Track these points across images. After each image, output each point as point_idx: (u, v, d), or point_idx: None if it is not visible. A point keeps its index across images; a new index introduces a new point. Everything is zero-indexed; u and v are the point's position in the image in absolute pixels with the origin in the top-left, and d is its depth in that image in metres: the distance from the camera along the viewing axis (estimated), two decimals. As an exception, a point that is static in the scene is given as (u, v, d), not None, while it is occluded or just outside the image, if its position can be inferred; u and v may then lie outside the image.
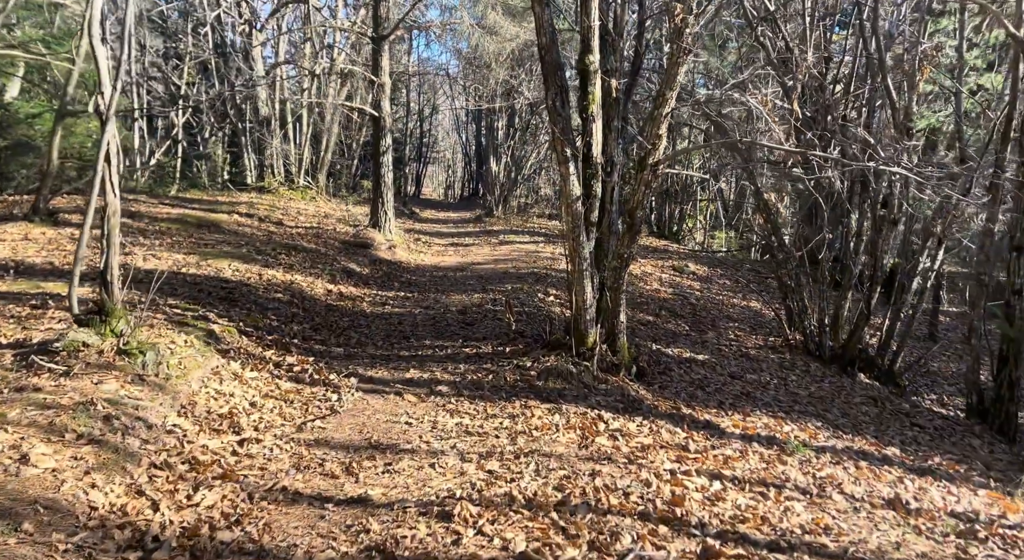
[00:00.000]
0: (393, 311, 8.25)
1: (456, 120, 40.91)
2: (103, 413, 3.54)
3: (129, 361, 4.13)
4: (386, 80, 12.28)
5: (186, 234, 10.14)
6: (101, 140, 4.28)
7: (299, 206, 15.57)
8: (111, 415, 3.55)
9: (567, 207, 5.73)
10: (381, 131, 12.46)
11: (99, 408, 3.57)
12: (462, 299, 9.01)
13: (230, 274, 8.17)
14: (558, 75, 5.56)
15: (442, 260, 12.86)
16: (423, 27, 15.39)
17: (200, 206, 13.02)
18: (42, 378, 3.79)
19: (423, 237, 15.95)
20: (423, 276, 11.04)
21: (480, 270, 11.65)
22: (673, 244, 19.48)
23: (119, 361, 4.11)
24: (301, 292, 8.21)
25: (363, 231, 12.65)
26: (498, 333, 6.95)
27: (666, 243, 19.33)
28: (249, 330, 6.09)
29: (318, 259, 10.19)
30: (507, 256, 13.14)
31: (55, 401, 3.52)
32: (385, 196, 12.72)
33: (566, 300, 9.12)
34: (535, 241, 15.40)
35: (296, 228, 12.47)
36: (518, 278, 10.57)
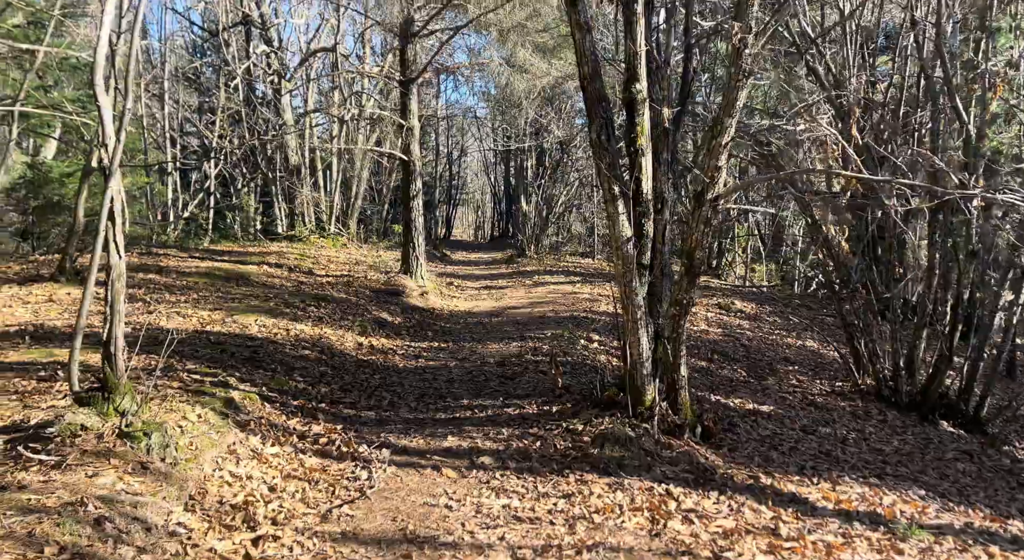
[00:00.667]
0: (427, 365, 7.68)
1: (485, 161, 40.97)
2: (94, 515, 3.00)
3: (132, 446, 3.61)
4: (415, 124, 11.98)
5: (213, 288, 9.79)
6: (104, 197, 3.85)
7: (330, 254, 15.26)
8: (103, 517, 3.01)
9: (616, 249, 5.15)
10: (411, 175, 12.11)
11: (90, 509, 3.03)
12: (500, 349, 8.42)
13: (256, 330, 7.73)
14: (602, 106, 5.04)
15: (476, 305, 12.32)
16: (451, 69, 15.23)
17: (230, 258, 12.75)
18: (30, 472, 3.28)
19: (455, 281, 15.48)
20: (457, 323, 10.49)
21: (516, 315, 11.07)
22: (714, 279, 18.72)
23: (120, 446, 3.59)
24: (330, 347, 7.71)
25: (394, 278, 12.21)
26: (542, 389, 6.32)
27: (706, 278, 18.55)
28: (273, 395, 5.57)
29: (348, 310, 9.73)
30: (543, 299, 12.55)
31: (40, 503, 2.99)
32: (416, 241, 12.31)
33: (612, 347, 8.47)
34: (571, 281, 14.81)
35: (326, 277, 12.09)
36: (557, 323, 9.95)
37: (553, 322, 10.05)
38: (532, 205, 22.04)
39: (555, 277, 15.47)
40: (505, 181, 37.06)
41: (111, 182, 3.85)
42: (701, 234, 5.05)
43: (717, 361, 8.77)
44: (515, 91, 10.82)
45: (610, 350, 8.19)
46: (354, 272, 12.89)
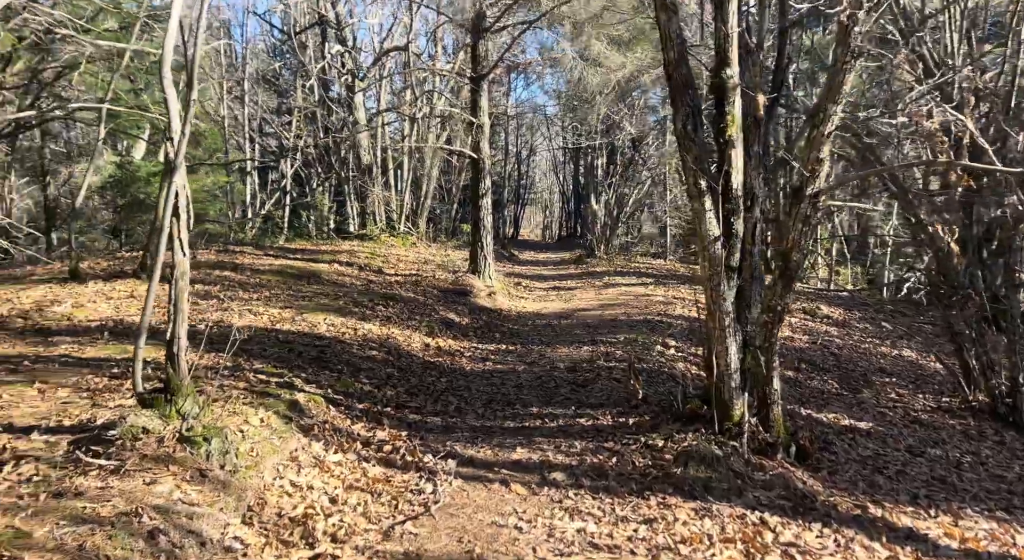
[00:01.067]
0: (495, 368, 7.40)
1: (553, 160, 40.62)
2: (148, 527, 2.84)
3: (192, 451, 3.46)
4: (485, 121, 11.76)
5: (285, 286, 9.84)
6: (167, 192, 3.73)
7: (400, 253, 15.26)
8: (157, 529, 2.84)
9: (703, 250, 4.72)
10: (480, 173, 11.90)
11: (145, 520, 2.87)
12: (570, 353, 8.06)
13: (325, 329, 7.64)
14: (688, 94, 4.61)
15: (544, 306, 11.99)
16: (523, 65, 14.96)
17: (302, 256, 12.88)
18: (89, 477, 3.16)
19: (523, 281, 15.19)
20: (525, 325, 10.19)
21: (586, 317, 10.68)
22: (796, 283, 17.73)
23: (180, 451, 3.44)
24: (397, 348, 7.54)
25: (462, 277, 12.02)
26: (616, 398, 5.92)
27: (786, 281, 17.60)
28: (338, 398, 5.40)
29: (416, 309, 9.58)
30: (614, 300, 12.10)
31: (94, 512, 2.85)
32: (484, 240, 12.08)
33: (691, 354, 7.97)
34: (643, 283, 14.27)
35: (395, 276, 12.03)
36: (630, 327, 9.50)
37: (625, 326, 9.61)
38: (602, 204, 21.54)
39: (626, 278, 14.96)
40: (574, 180, 36.58)
41: (175, 176, 3.72)
42: (799, 233, 4.55)
43: (805, 371, 8.13)
44: (588, 86, 10.42)
45: (689, 357, 7.70)
46: (422, 271, 12.79)
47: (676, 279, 15.09)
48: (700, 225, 4.68)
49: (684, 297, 12.41)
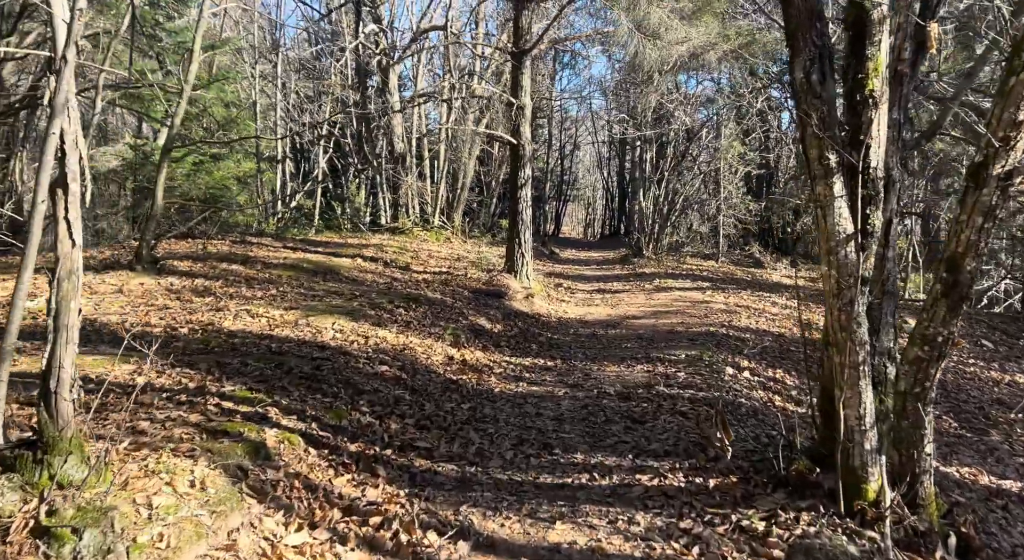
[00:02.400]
0: (529, 391, 6.06)
1: (598, 155, 39.05)
2: None
3: (50, 551, 2.20)
4: (526, 102, 10.40)
5: (297, 283, 8.67)
6: (46, 142, 2.48)
7: (431, 248, 14.04)
8: None
9: (828, 253, 3.28)
10: (520, 161, 10.56)
11: None
12: (621, 373, 6.66)
13: (330, 337, 6.41)
14: (815, 30, 3.18)
15: (588, 312, 10.59)
16: (571, 39, 13.55)
17: (325, 249, 11.75)
18: None
19: (564, 282, 13.80)
20: (566, 335, 8.82)
21: (637, 326, 9.25)
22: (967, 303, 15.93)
23: (29, 555, 2.19)
24: (414, 362, 6.26)
25: (497, 277, 10.71)
26: (685, 443, 4.51)
27: (855, 288, 15.83)
28: (324, 435, 4.13)
29: (442, 313, 8.30)
30: (668, 307, 10.63)
31: None
32: (522, 236, 10.74)
33: (769, 379, 6.50)
34: (699, 287, 12.74)
35: (424, 273, 10.79)
36: (690, 341, 8.05)
37: (685, 339, 8.16)
38: (650, 200, 19.97)
39: (679, 282, 13.44)
40: (619, 175, 34.94)
41: (53, 122, 2.46)
42: (978, 232, 3.07)
43: (912, 404, 6.57)
44: (646, 62, 9.00)
45: (769, 385, 6.23)
46: (454, 269, 11.52)
47: (735, 284, 13.50)
48: (825, 218, 3.24)
49: (748, 305, 10.86)
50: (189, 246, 10.63)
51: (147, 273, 8.15)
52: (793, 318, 10.17)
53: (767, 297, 11.86)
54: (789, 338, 8.74)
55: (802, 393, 6.30)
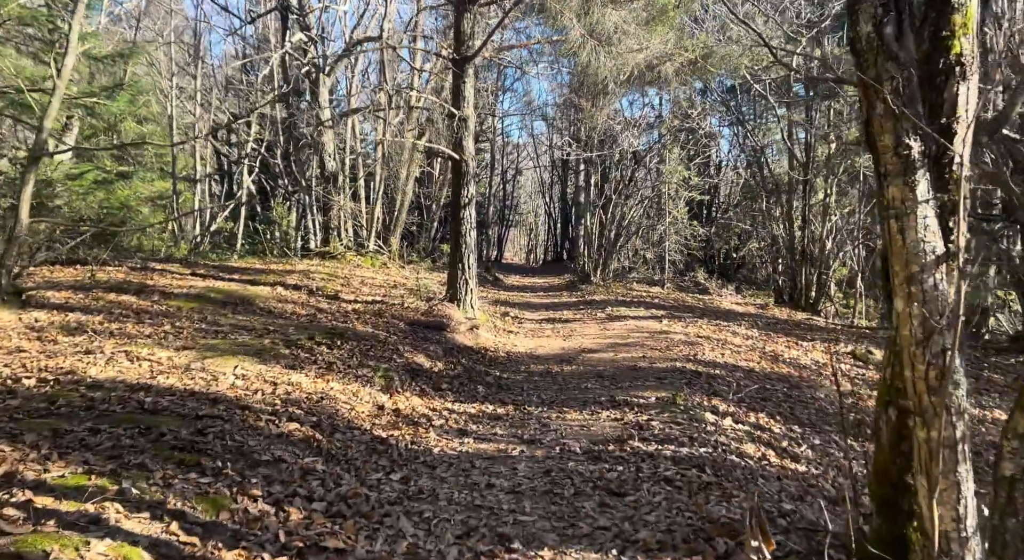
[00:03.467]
0: (477, 450, 4.90)
1: (540, 180, 38.55)
2: None
3: None
4: (470, 113, 9.39)
5: (199, 316, 7.29)
6: None
7: (365, 274, 12.76)
8: None
9: (904, 283, 2.30)
10: (463, 178, 9.50)
11: None
12: (585, 422, 5.60)
13: (228, 385, 5.11)
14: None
15: (540, 344, 9.53)
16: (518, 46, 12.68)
17: (241, 277, 10.33)
18: None
19: (511, 311, 12.73)
20: (517, 373, 7.72)
21: (596, 362, 8.23)
22: (814, 317, 15.51)
23: None
24: (333, 415, 5.02)
25: (438, 306, 9.54)
26: (682, 529, 3.44)
27: (806, 316, 15.38)
28: (188, 541, 2.87)
29: (373, 350, 7.07)
30: (626, 338, 9.68)
31: None
32: (466, 261, 9.64)
33: (754, 427, 5.54)
34: (654, 315, 11.89)
35: (354, 303, 9.52)
36: (658, 379, 7.07)
37: (651, 377, 7.18)
38: (596, 225, 19.26)
39: (632, 310, 12.57)
40: (561, 201, 34.40)
41: None
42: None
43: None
44: (601, 69, 8.15)
45: (758, 436, 5.27)
46: (389, 298, 10.29)
47: (690, 311, 12.73)
48: (903, 233, 2.27)
49: (709, 335, 10.04)
50: (76, 274, 9.06)
51: (7, 307, 6.62)
52: (758, 349, 9.39)
53: (726, 326, 11.10)
54: (760, 373, 7.90)
55: (793, 444, 5.38)
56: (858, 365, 9.61)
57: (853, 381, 8.43)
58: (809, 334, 11.41)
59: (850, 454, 3.95)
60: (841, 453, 5.29)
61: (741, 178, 21.70)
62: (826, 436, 5.79)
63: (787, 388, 7.31)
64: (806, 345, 10.37)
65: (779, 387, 7.32)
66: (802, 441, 5.46)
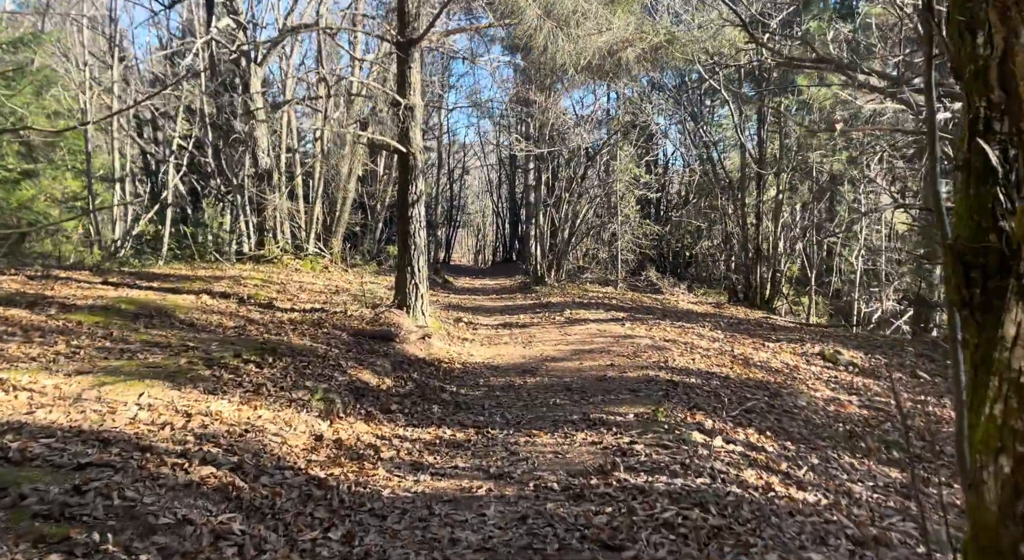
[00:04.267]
0: (435, 490, 4.10)
1: (488, 180, 37.83)
2: None
3: None
4: (417, 101, 8.56)
5: (103, 333, 6.23)
6: None
7: (304, 279, 11.74)
8: None
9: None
10: (410, 172, 8.65)
11: None
12: (559, 447, 4.87)
13: (126, 420, 4.16)
14: None
15: (498, 353, 8.77)
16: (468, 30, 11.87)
17: (162, 285, 9.21)
18: None
19: (464, 315, 11.94)
20: (477, 387, 6.94)
21: (561, 371, 7.52)
22: (772, 316, 15.26)
23: None
24: (260, 453, 4.14)
25: (385, 314, 8.67)
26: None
27: (763, 314, 15.12)
28: None
29: (311, 368, 6.17)
30: (590, 344, 9.02)
31: None
32: (415, 263, 8.80)
33: (748, 448, 4.93)
34: (615, 318, 11.29)
35: (291, 312, 8.55)
36: (631, 391, 6.41)
37: (624, 388, 6.51)
38: (547, 224, 18.66)
39: (592, 312, 11.95)
40: (510, 201, 33.75)
41: None
42: None
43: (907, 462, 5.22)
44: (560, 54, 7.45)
45: (756, 459, 4.64)
46: (331, 305, 9.35)
47: (650, 313, 12.21)
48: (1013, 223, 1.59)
49: (675, 339, 9.48)
50: None
51: None
52: (727, 353, 8.87)
53: (690, 328, 10.59)
54: (736, 381, 7.35)
55: (793, 466, 4.78)
56: (828, 367, 9.22)
57: (828, 385, 7.99)
58: (773, 334, 11.02)
59: (937, 506, 3.31)
60: (845, 474, 4.72)
61: (694, 175, 21.44)
62: (822, 453, 5.22)
63: (767, 396, 6.77)
64: (772, 346, 9.94)
65: (759, 396, 6.76)
66: (800, 461, 4.87)
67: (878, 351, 10.46)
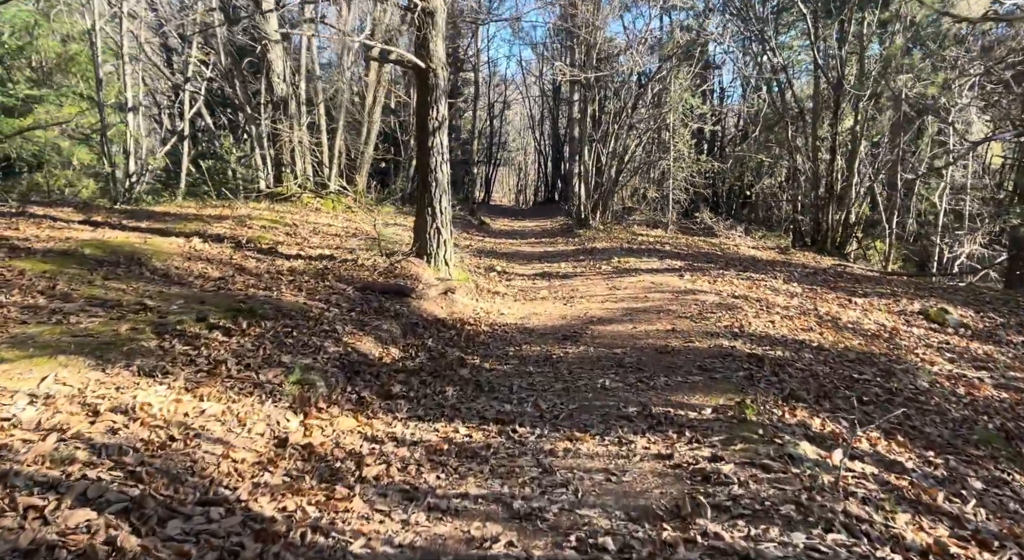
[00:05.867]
0: (430, 540, 2.73)
1: (530, 117, 35.63)
2: None
3: None
4: (437, 4, 6.87)
5: (45, 285, 4.99)
6: None
7: (321, 221, 10.41)
8: None
9: None
10: (430, 93, 7.06)
11: None
12: (613, 464, 3.43)
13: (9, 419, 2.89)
14: None
15: (534, 311, 7.32)
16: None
17: (151, 225, 7.97)
18: None
19: (498, 262, 10.49)
20: (505, 359, 5.52)
21: (609, 337, 6.04)
22: (845, 263, 13.37)
23: None
24: (180, 477, 2.83)
25: (402, 263, 7.28)
26: None
27: (835, 261, 13.25)
28: None
29: (296, 334, 4.83)
30: (642, 300, 7.49)
31: None
32: (438, 204, 7.32)
33: (923, 493, 3.42)
34: (670, 267, 9.68)
35: (295, 259, 7.24)
36: (703, 369, 4.90)
37: (693, 365, 5.00)
38: (593, 161, 16.82)
39: (643, 260, 10.34)
40: (553, 137, 31.64)
41: None
42: None
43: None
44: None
45: (927, 505, 3.13)
46: (342, 252, 8.00)
47: (708, 260, 10.54)
48: None
49: (745, 294, 7.87)
50: None
51: None
52: (811, 313, 7.24)
53: (760, 280, 8.94)
54: (833, 352, 5.76)
55: (953, 498, 3.25)
56: (934, 329, 7.51)
57: (944, 356, 6.33)
58: (857, 287, 9.28)
59: None
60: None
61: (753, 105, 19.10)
62: (982, 469, 3.68)
63: (879, 376, 5.19)
64: (860, 302, 8.24)
65: (867, 374, 5.19)
66: (961, 488, 3.35)
67: (988, 307, 8.64)
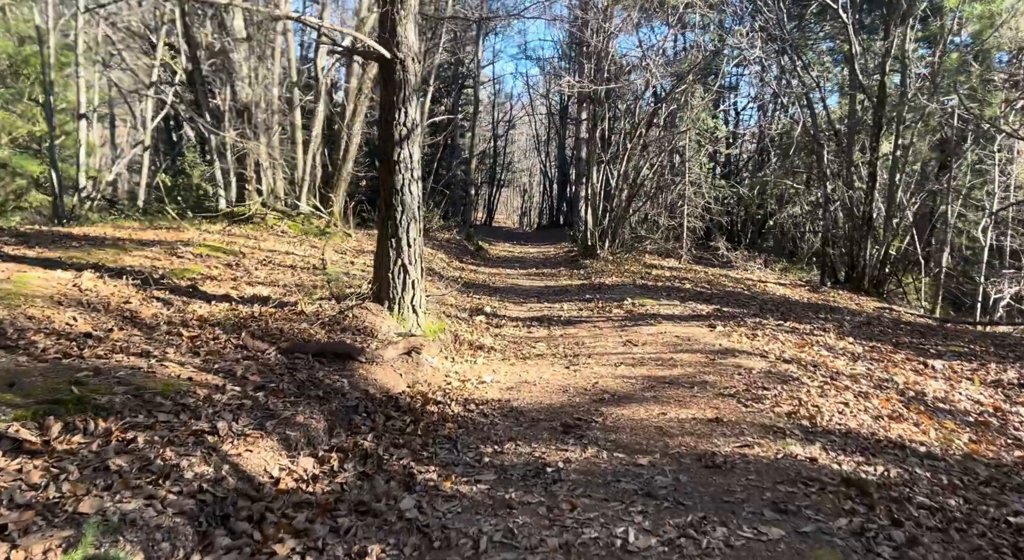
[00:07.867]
0: None
1: (535, 137, 34.16)
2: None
3: None
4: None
5: None
6: None
7: (277, 248, 8.69)
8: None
9: None
10: (397, 91, 5.36)
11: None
12: None
13: None
14: None
15: (525, 380, 5.50)
16: None
17: (42, 254, 6.24)
18: None
19: (488, 302, 8.71)
20: (475, 476, 3.69)
21: (628, 430, 4.23)
22: (891, 306, 11.57)
23: None
24: None
25: (354, 310, 5.50)
26: None
27: (877, 303, 11.46)
28: None
29: (136, 445, 3.05)
30: (668, 364, 5.68)
31: None
32: (404, 234, 5.58)
33: None
34: (695, 312, 7.88)
35: (216, 303, 5.48)
36: (779, 510, 3.08)
37: (766, 507, 3.19)
38: (602, 184, 15.13)
39: (663, 304, 8.53)
40: (559, 158, 30.08)
41: None
42: None
43: None
44: None
45: None
46: (283, 292, 6.25)
47: (738, 303, 8.74)
48: None
49: (799, 357, 6.06)
50: None
51: None
52: (890, 387, 5.43)
53: (809, 335, 7.14)
54: (950, 462, 3.94)
55: None
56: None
57: None
58: (923, 342, 7.49)
59: None
60: None
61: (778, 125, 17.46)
62: None
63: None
64: (939, 366, 6.43)
65: (1019, 505, 3.37)
66: None
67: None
